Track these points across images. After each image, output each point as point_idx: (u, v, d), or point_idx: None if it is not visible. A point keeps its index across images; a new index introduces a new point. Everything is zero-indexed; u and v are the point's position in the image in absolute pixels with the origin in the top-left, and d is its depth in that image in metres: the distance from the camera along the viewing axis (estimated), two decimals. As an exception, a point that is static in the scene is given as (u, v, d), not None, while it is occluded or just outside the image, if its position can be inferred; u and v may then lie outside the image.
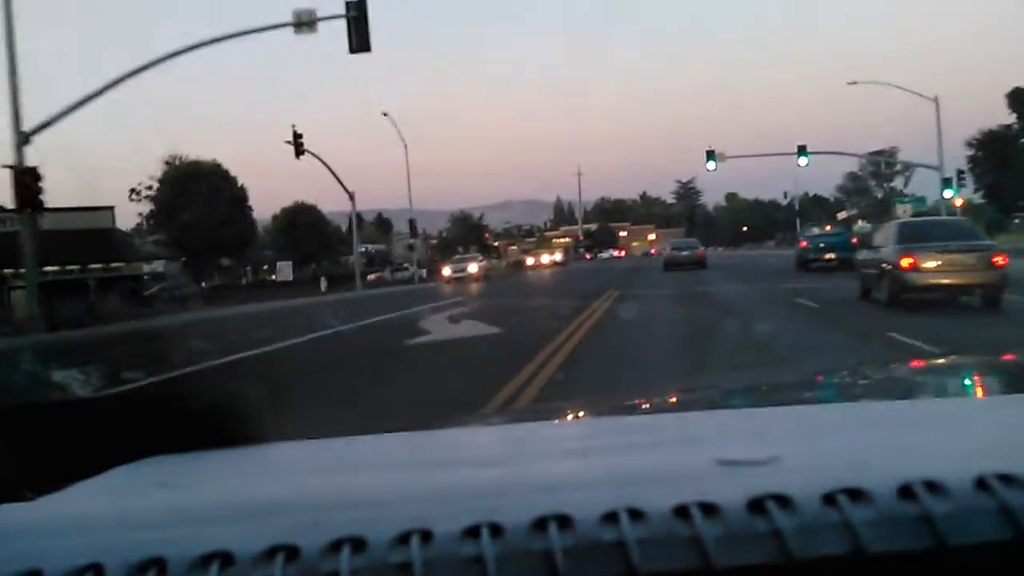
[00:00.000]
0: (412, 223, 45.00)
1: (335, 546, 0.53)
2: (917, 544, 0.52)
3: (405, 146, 42.84)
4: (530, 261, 65.84)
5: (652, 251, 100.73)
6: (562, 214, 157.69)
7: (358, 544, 0.53)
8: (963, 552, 0.52)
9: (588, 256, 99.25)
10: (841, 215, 78.01)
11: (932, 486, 0.55)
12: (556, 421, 1.36)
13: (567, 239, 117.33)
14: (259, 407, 0.87)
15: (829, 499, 0.54)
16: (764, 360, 7.77)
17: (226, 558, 0.53)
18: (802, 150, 38.04)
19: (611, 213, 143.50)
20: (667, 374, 7.47)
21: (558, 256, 72.92)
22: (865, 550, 0.51)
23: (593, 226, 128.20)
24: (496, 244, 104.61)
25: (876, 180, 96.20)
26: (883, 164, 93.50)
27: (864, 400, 1.49)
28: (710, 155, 38.42)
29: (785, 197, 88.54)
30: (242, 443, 0.83)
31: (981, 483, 0.55)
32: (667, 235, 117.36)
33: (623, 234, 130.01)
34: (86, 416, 0.82)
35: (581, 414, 1.51)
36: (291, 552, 0.53)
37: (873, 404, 1.34)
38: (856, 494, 0.55)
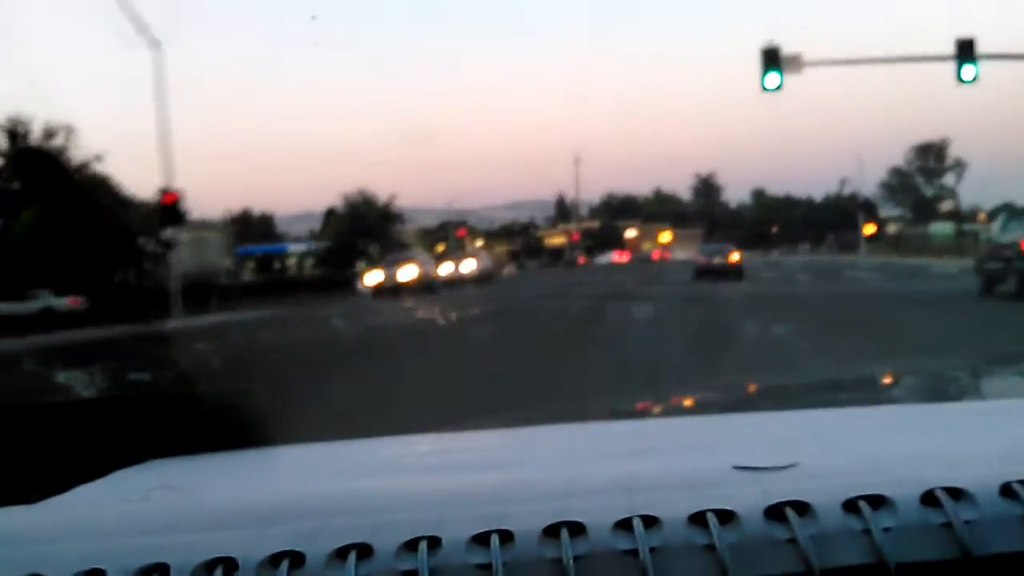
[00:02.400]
0: (166, 197, 22.24)
1: (341, 553, 0.52)
2: (941, 553, 0.51)
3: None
4: (372, 279, 31.68)
5: (653, 255, 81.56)
6: (565, 211, 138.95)
7: (364, 551, 0.52)
8: (989, 562, 0.51)
9: (581, 260, 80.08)
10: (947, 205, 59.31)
11: (956, 493, 0.54)
12: (568, 424, 1.27)
13: (563, 238, 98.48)
14: (265, 409, 0.86)
15: (850, 506, 0.53)
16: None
17: (230, 565, 0.52)
18: (966, 52, 18.09)
19: (620, 210, 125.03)
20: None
21: (470, 265, 38.86)
22: (887, 559, 0.50)
23: (595, 224, 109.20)
24: (481, 245, 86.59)
25: (924, 176, 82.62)
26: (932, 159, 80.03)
27: (885, 404, 1.43)
28: (770, 61, 18.56)
29: (842, 185, 68.59)
30: (247, 446, 0.83)
31: (1007, 490, 0.54)
32: (683, 236, 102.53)
33: (632, 234, 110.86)
34: (90, 417, 0.83)
35: (593, 417, 1.41)
36: (296, 559, 0.52)
37: (894, 408, 1.31)
38: (877, 501, 0.53)
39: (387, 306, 22.99)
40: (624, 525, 0.52)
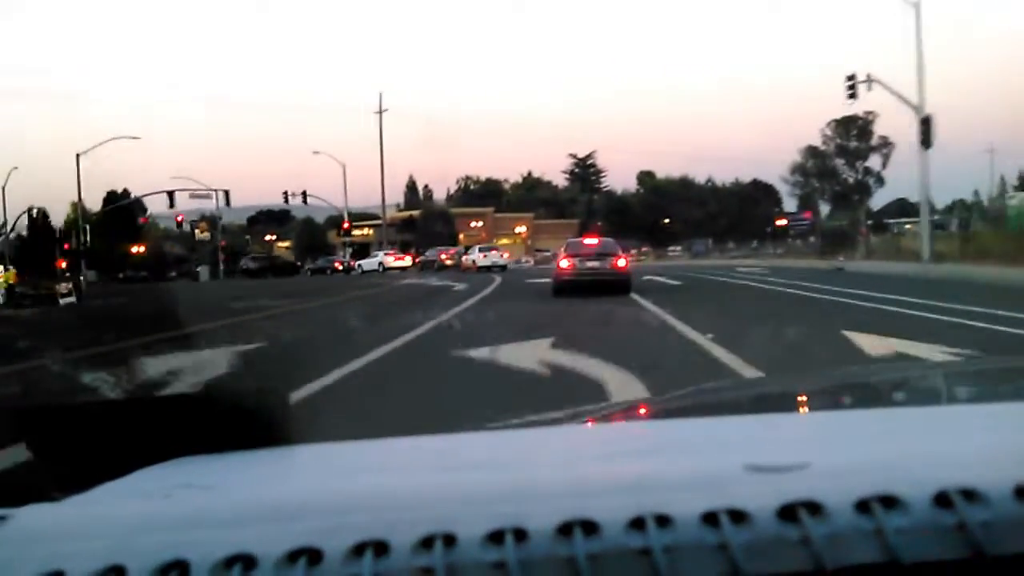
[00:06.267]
0: None
1: (358, 549, 0.53)
2: (953, 554, 0.51)
3: None
4: None
5: (441, 255, 53.32)
6: (416, 198, 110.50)
7: (381, 548, 0.53)
8: (1002, 563, 0.51)
9: (338, 264, 53.38)
10: None
11: (969, 494, 0.54)
12: (580, 424, 1.30)
13: (367, 231, 70.98)
14: (285, 408, 0.90)
15: (862, 506, 0.54)
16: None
17: (248, 561, 0.53)
18: None
19: (480, 197, 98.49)
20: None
21: None
22: (899, 559, 0.51)
23: (411, 213, 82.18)
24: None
25: (845, 158, 65.75)
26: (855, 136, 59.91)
27: (898, 404, 1.43)
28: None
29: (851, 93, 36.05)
30: (267, 445, 0.85)
31: (1022, 491, 0.54)
32: (553, 228, 78.35)
33: (477, 224, 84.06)
34: (114, 417, 0.86)
35: (607, 417, 1.45)
36: (314, 555, 0.53)
37: (907, 408, 1.32)
38: (890, 501, 0.54)
39: None
40: (637, 524, 0.53)
